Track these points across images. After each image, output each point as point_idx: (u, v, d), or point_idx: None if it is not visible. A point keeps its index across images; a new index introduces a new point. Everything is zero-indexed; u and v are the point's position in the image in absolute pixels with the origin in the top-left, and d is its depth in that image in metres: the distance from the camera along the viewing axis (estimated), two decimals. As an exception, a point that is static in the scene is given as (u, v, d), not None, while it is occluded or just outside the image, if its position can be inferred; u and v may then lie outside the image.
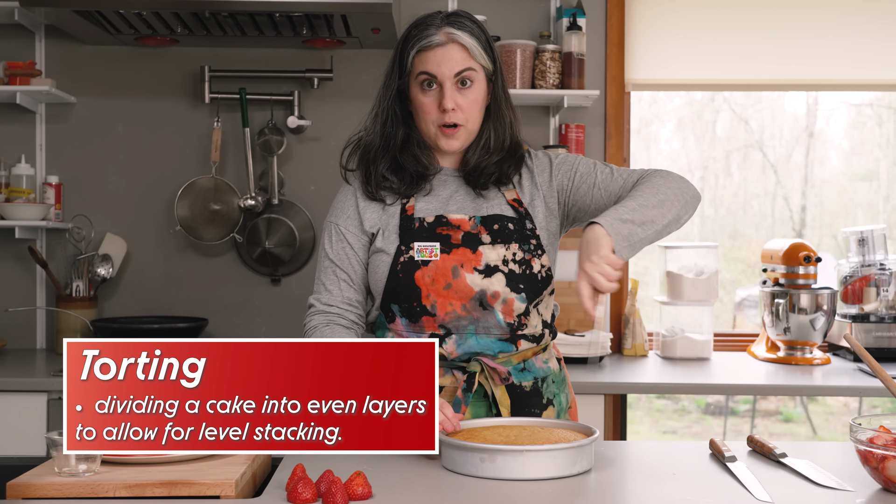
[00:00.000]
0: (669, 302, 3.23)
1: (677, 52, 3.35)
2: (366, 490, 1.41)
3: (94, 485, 1.47)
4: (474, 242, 1.82)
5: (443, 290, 1.80)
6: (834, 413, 5.34)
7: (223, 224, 3.25)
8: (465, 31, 1.81)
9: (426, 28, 1.81)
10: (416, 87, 1.83)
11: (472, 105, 1.83)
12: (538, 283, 1.83)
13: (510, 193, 1.89)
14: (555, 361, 1.94)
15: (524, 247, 1.83)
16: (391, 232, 1.85)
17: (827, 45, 3.34)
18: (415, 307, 1.81)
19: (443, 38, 1.79)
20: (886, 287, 3.19)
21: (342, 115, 3.32)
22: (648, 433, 5.40)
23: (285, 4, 2.75)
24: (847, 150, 4.44)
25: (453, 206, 1.87)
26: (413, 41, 1.81)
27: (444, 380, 1.84)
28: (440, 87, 1.80)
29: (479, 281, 1.80)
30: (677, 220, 1.78)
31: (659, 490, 1.49)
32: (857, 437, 1.46)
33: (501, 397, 1.83)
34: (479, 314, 1.81)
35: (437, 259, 1.81)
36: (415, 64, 1.81)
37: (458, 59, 1.80)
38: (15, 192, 3.15)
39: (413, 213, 1.86)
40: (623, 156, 3.33)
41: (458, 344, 1.82)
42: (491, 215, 1.85)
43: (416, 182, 1.88)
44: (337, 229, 1.90)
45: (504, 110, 1.89)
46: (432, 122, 1.83)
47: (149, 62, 3.30)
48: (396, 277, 1.82)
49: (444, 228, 1.83)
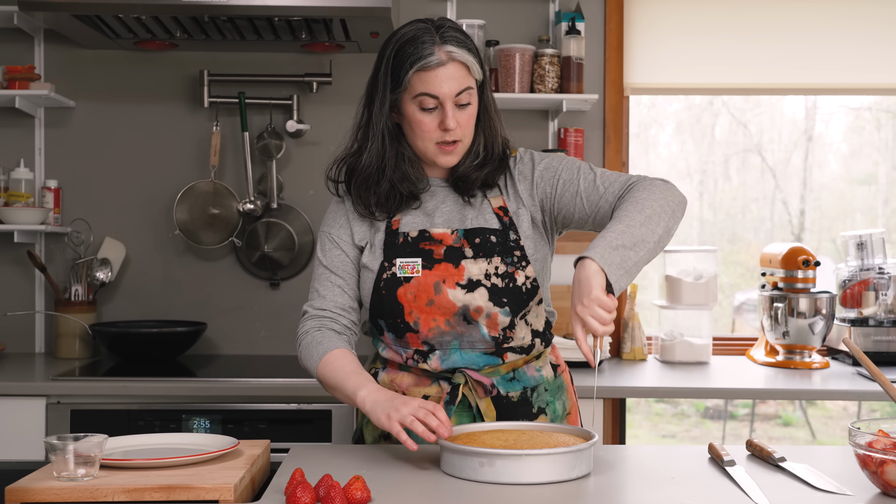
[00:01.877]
0: (668, 306, 3.23)
1: (676, 56, 3.35)
2: (365, 494, 1.41)
3: (93, 489, 1.47)
4: (457, 257, 1.81)
5: (425, 306, 1.80)
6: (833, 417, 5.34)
7: (222, 228, 3.25)
8: (461, 46, 1.78)
9: (422, 45, 1.77)
10: (412, 105, 1.80)
11: (469, 120, 1.82)
12: (523, 296, 1.81)
13: (496, 201, 1.88)
14: (549, 369, 1.93)
15: (507, 259, 1.82)
16: (377, 247, 1.86)
17: (826, 49, 3.34)
18: (398, 323, 1.81)
19: (443, 56, 1.76)
20: (885, 291, 3.19)
21: (341, 120, 3.32)
22: (647, 437, 5.40)
23: (284, 9, 2.75)
24: (846, 154, 4.45)
25: (439, 218, 1.86)
26: (409, 59, 1.77)
27: (430, 389, 1.84)
28: (441, 106, 1.78)
29: (461, 296, 1.79)
30: (668, 232, 1.73)
31: (658, 494, 1.49)
32: (855, 441, 1.46)
33: (486, 409, 1.83)
34: (463, 328, 1.81)
35: (419, 275, 1.80)
36: (413, 83, 1.78)
37: (459, 79, 1.78)
38: (14, 196, 3.15)
39: (398, 227, 1.86)
40: (622, 160, 3.33)
41: (441, 359, 1.82)
42: (474, 228, 1.84)
43: (406, 201, 1.87)
44: (330, 238, 1.91)
45: (493, 117, 1.88)
46: (430, 141, 1.81)
47: (148, 66, 3.30)
48: (380, 294, 1.82)
49: (427, 243, 1.83)
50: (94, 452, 1.53)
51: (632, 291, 3.28)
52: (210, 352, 3.30)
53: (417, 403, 1.65)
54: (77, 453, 1.51)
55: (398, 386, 1.86)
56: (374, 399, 1.70)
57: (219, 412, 2.64)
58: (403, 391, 1.86)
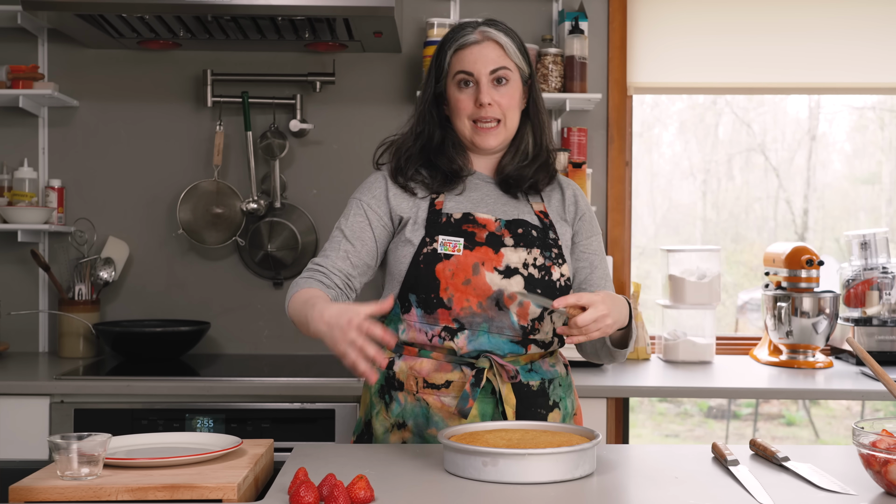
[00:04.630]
0: (672, 305, 3.23)
1: (679, 56, 3.35)
2: (368, 493, 1.41)
3: (97, 488, 1.47)
4: (497, 243, 1.84)
5: (461, 284, 1.81)
6: (836, 417, 5.34)
7: (225, 227, 3.25)
8: (501, 31, 1.87)
9: (462, 29, 1.88)
10: (453, 86, 1.87)
11: (509, 101, 1.87)
12: (556, 291, 1.84)
13: (538, 205, 1.93)
14: (562, 366, 1.95)
15: (546, 253, 1.85)
16: (419, 224, 1.86)
17: (829, 48, 3.34)
18: (432, 298, 1.82)
19: (478, 36, 1.85)
20: (889, 290, 3.19)
21: (344, 119, 3.32)
22: (651, 437, 5.39)
23: (288, 8, 2.75)
24: (849, 154, 4.44)
25: (482, 207, 1.89)
26: (450, 42, 1.87)
27: (452, 375, 1.84)
28: (476, 84, 1.85)
29: (497, 280, 1.81)
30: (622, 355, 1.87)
31: (661, 494, 1.49)
32: (859, 440, 1.46)
33: (507, 395, 1.83)
34: (494, 314, 1.82)
35: (459, 254, 1.82)
36: (452, 63, 1.86)
37: (494, 57, 1.85)
38: (17, 196, 3.16)
39: (441, 208, 1.87)
40: (625, 159, 3.33)
41: (469, 340, 1.83)
42: (516, 219, 1.88)
43: (448, 181, 1.90)
44: (360, 204, 1.91)
45: (543, 115, 1.94)
46: (468, 117, 1.87)
47: (151, 66, 3.31)
48: (418, 268, 1.83)
49: (470, 226, 1.85)
50: (97, 452, 1.53)
51: (635, 291, 3.28)
52: (213, 351, 3.30)
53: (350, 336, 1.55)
54: (81, 452, 1.51)
55: (417, 372, 1.85)
56: (328, 318, 1.60)
57: (222, 411, 2.64)
58: (424, 378, 1.84)
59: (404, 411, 1.86)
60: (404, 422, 1.86)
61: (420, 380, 1.85)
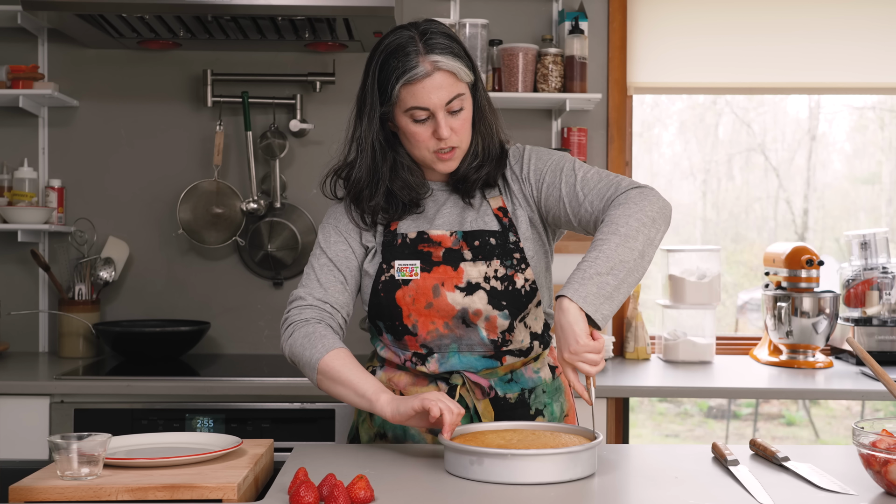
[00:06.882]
0: (672, 305, 3.23)
1: (679, 56, 3.35)
2: (368, 493, 1.41)
3: (97, 488, 1.47)
4: (456, 259, 1.80)
5: (424, 309, 1.78)
6: (836, 417, 5.34)
7: (225, 227, 3.25)
8: (447, 53, 1.74)
9: (406, 57, 1.73)
10: (404, 118, 1.77)
11: (463, 126, 1.78)
12: (522, 298, 1.80)
13: (496, 202, 1.86)
14: (547, 371, 1.91)
15: (506, 262, 1.80)
16: (377, 251, 1.84)
17: (829, 48, 3.34)
18: (397, 326, 1.80)
19: (428, 67, 1.72)
20: (889, 290, 3.19)
21: (344, 119, 3.28)
22: (651, 437, 5.39)
23: (288, 8, 2.75)
24: (849, 154, 4.44)
25: (438, 220, 1.84)
26: (395, 72, 1.74)
27: (427, 390, 1.83)
28: (433, 116, 1.75)
29: (460, 299, 1.78)
30: (650, 243, 1.67)
31: (661, 494, 1.49)
32: (859, 440, 1.46)
33: (484, 410, 1.82)
34: (461, 331, 1.80)
35: (417, 278, 1.79)
36: (402, 97, 1.74)
37: (447, 87, 1.74)
38: (17, 196, 3.16)
39: (396, 227, 1.84)
40: (625, 159, 3.33)
41: (440, 362, 1.81)
42: (473, 230, 1.82)
43: (408, 207, 1.85)
44: (337, 230, 1.88)
45: (488, 117, 1.84)
46: (427, 150, 1.78)
47: (151, 66, 3.31)
48: (378, 296, 1.81)
49: (426, 245, 1.81)
50: (97, 451, 1.53)
51: (635, 291, 3.28)
52: (213, 351, 3.30)
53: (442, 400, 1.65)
54: (81, 452, 1.51)
55: (395, 385, 1.86)
56: (395, 403, 1.69)
57: (222, 411, 2.64)
58: (401, 390, 1.85)
59: (385, 422, 1.85)
60: (385, 432, 1.86)
61: (398, 392, 1.84)
